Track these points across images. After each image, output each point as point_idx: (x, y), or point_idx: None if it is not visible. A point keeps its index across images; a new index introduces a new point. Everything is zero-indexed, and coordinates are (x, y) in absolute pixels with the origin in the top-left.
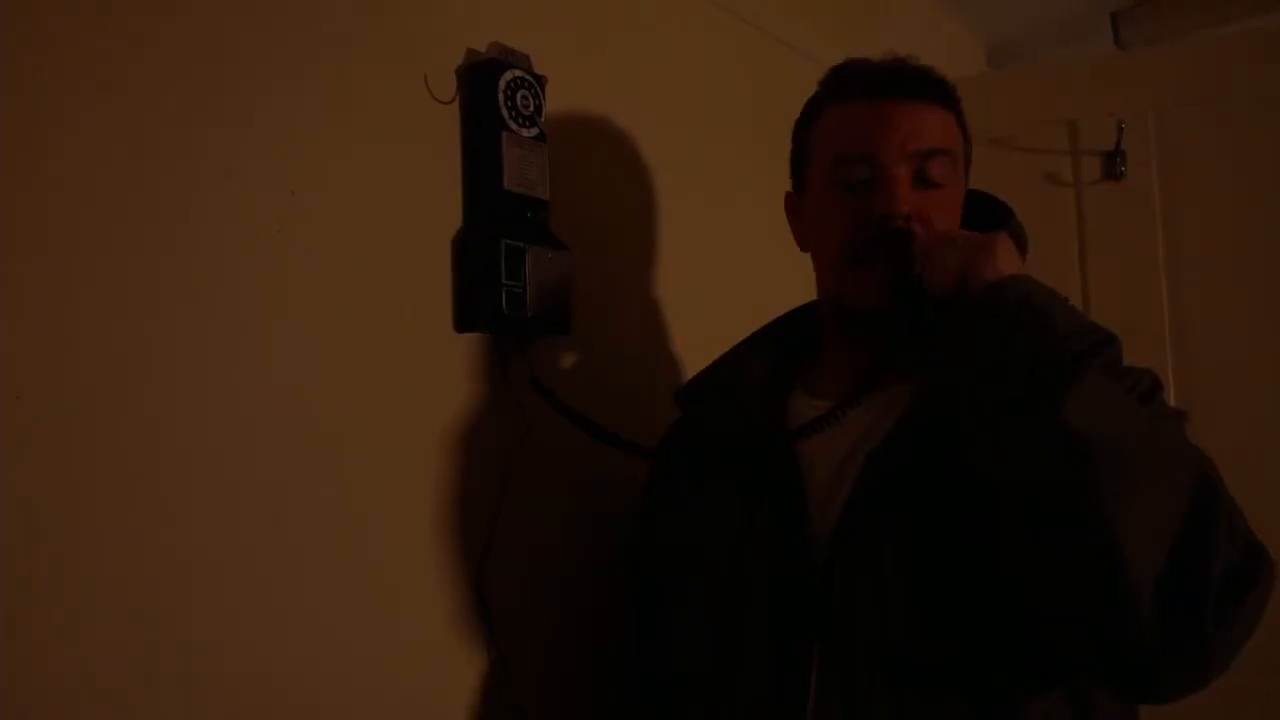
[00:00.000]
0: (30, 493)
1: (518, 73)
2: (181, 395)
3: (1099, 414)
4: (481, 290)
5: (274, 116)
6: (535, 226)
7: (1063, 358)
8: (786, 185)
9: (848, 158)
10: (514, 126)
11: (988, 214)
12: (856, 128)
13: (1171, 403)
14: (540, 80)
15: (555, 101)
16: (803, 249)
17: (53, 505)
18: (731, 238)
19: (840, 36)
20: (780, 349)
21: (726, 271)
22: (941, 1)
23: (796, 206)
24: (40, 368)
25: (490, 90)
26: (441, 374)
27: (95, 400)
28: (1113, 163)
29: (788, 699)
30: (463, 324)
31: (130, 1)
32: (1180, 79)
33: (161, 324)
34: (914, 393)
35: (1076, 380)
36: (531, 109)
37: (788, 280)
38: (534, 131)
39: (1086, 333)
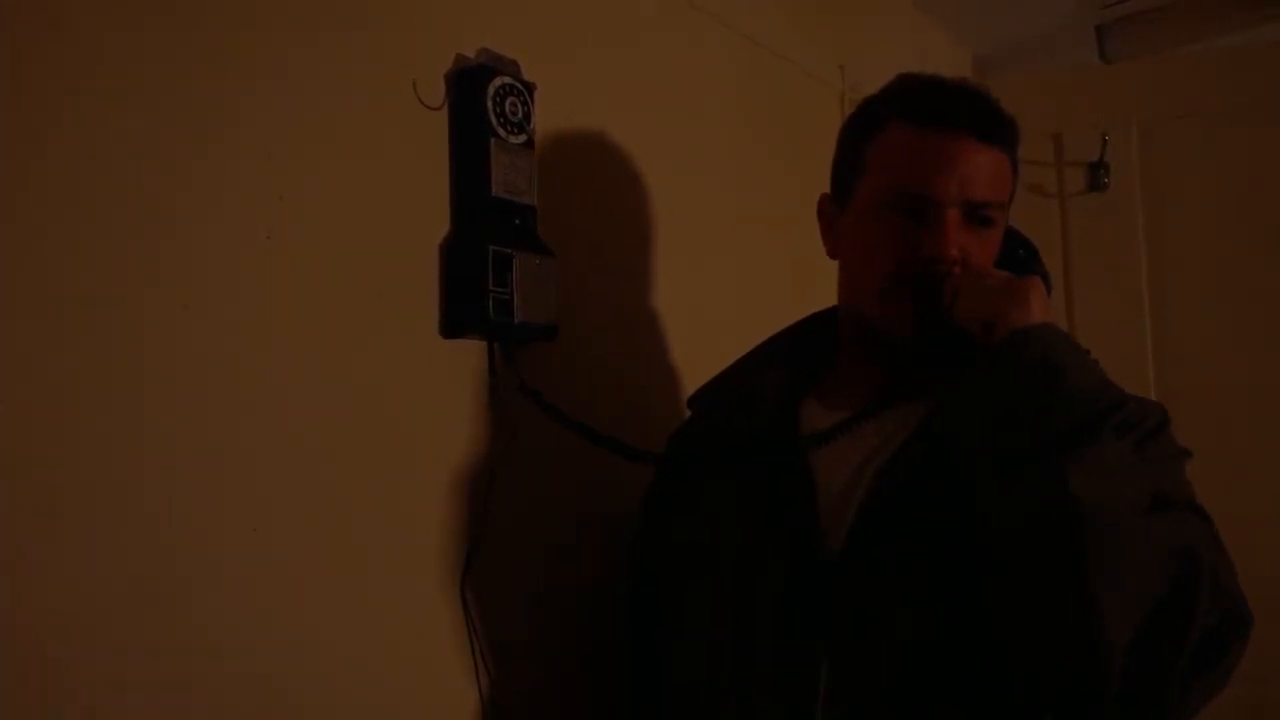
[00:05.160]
0: (18, 498)
1: (507, 79)
2: (169, 401)
3: (1102, 480)
4: (468, 296)
5: (262, 122)
6: (523, 233)
7: (1075, 420)
8: (776, 194)
9: (905, 193)
10: (502, 133)
11: (1014, 252)
12: (920, 159)
13: None
14: (529, 87)
15: (544, 108)
16: (831, 256)
17: (42, 507)
18: (719, 245)
19: (830, 46)
20: (796, 356)
21: (714, 279)
22: (930, 12)
23: (832, 214)
24: (26, 373)
25: (479, 96)
26: (428, 380)
27: (84, 404)
28: (1096, 174)
29: (796, 708)
30: (449, 330)
31: (118, 6)
32: (1163, 93)
33: (150, 329)
34: (926, 411)
35: (1087, 444)
36: (520, 115)
37: (776, 287)
38: (522, 138)
39: (1101, 394)
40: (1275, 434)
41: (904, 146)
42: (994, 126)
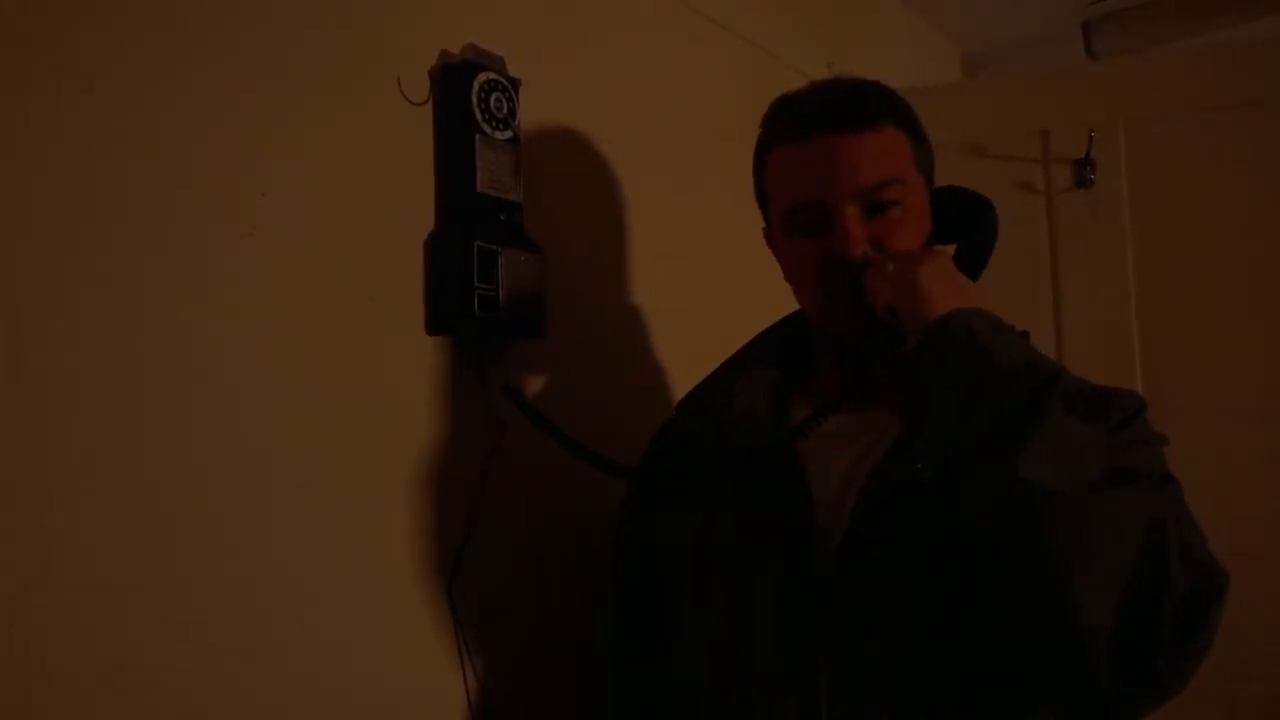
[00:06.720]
0: (13, 499)
1: (491, 75)
2: (151, 401)
3: (1053, 459)
4: (453, 293)
5: (245, 117)
6: (508, 229)
7: (1013, 402)
8: None
9: (797, 206)
10: (487, 129)
11: (967, 212)
12: (799, 173)
13: None
14: (514, 83)
15: (529, 104)
16: (787, 281)
17: (34, 508)
18: (707, 242)
19: (821, 44)
20: (780, 357)
21: (702, 276)
22: (920, 11)
23: (774, 244)
24: (13, 372)
25: (464, 92)
26: (414, 377)
27: (65, 403)
28: (1083, 171)
29: (800, 709)
30: (434, 327)
31: (103, 4)
32: (1150, 90)
33: (132, 326)
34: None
35: (1031, 423)
36: (505, 111)
37: (765, 285)
38: (507, 134)
39: (1033, 370)
40: (1263, 430)
41: (784, 165)
42: (855, 111)
